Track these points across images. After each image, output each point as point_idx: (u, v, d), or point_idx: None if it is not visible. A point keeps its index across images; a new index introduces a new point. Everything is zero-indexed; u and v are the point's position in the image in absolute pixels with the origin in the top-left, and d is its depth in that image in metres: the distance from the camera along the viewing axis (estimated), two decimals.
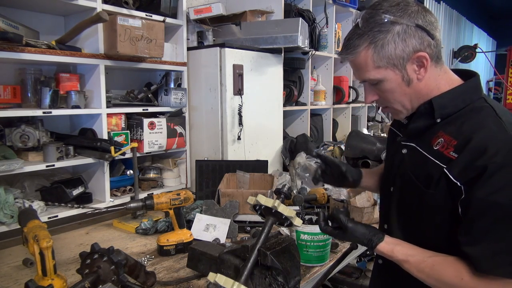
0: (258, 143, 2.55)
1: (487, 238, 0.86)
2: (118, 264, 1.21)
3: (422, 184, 0.96)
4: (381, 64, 0.95)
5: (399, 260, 0.98)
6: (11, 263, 1.59)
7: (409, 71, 0.96)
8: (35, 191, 1.91)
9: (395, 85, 0.97)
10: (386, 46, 0.93)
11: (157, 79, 2.48)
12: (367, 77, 0.98)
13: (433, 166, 0.94)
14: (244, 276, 1.06)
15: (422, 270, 0.94)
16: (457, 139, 0.91)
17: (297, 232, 1.54)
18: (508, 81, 5.72)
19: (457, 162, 0.89)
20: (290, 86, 2.95)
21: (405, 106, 1.01)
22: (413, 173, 1.00)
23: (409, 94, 0.99)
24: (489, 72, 10.53)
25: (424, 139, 1.00)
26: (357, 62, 0.98)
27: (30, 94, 1.90)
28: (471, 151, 0.87)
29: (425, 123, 1.00)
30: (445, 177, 0.90)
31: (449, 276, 0.90)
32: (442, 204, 0.93)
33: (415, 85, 0.97)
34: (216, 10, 2.36)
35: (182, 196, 1.65)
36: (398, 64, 0.95)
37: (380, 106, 1.07)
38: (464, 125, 0.93)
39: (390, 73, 0.96)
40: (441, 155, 0.93)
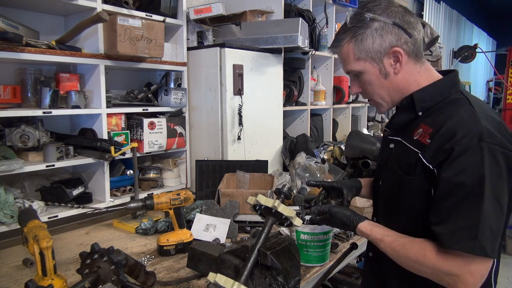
0: (258, 143, 2.55)
1: (451, 216, 0.91)
2: (118, 264, 1.21)
3: (403, 172, 1.04)
4: (360, 56, 1.06)
5: (376, 239, 1.05)
6: (11, 263, 1.59)
7: (386, 64, 1.05)
8: (35, 191, 1.91)
9: (373, 77, 1.07)
10: (365, 40, 1.04)
11: (157, 79, 2.48)
12: (349, 68, 1.09)
13: (412, 154, 1.02)
14: (244, 276, 1.06)
15: (394, 249, 1.00)
16: (432, 127, 0.99)
17: (297, 232, 1.54)
18: (508, 81, 5.72)
19: (429, 147, 0.97)
20: (290, 86, 2.95)
21: (384, 98, 1.10)
22: (397, 163, 1.08)
23: (387, 87, 1.08)
24: (489, 72, 10.53)
25: (407, 132, 1.08)
26: (341, 54, 1.10)
27: (30, 94, 1.90)
28: (442, 136, 0.95)
29: (408, 116, 1.09)
30: (420, 162, 0.98)
31: (414, 253, 0.96)
32: (419, 189, 0.99)
33: (392, 78, 1.07)
34: (216, 10, 2.36)
35: (182, 196, 1.65)
36: (376, 57, 1.05)
37: (364, 97, 1.17)
38: (440, 115, 1.01)
39: (369, 66, 1.06)
40: (418, 143, 1.01)
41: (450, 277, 0.90)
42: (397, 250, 1.00)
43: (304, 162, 2.59)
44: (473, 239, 0.87)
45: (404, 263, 0.99)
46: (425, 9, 6.23)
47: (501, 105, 6.04)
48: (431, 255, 0.93)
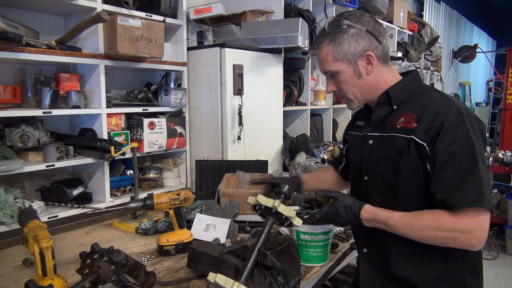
0: (258, 143, 2.55)
1: (454, 181, 1.03)
2: (118, 264, 1.21)
3: (395, 156, 1.13)
4: (338, 58, 1.18)
5: (383, 219, 1.12)
6: (11, 263, 1.59)
7: (360, 66, 1.18)
8: (35, 191, 1.91)
9: (348, 77, 1.19)
10: (343, 43, 1.16)
11: (157, 79, 2.48)
12: (328, 68, 1.20)
13: (401, 140, 1.13)
14: (244, 276, 1.06)
15: (405, 222, 1.08)
16: (415, 113, 1.12)
17: (297, 232, 1.54)
18: (508, 81, 5.72)
19: (419, 128, 1.09)
20: (290, 86, 2.95)
21: (356, 96, 1.23)
22: (385, 153, 1.17)
23: (360, 86, 1.21)
24: (489, 72, 10.54)
25: (385, 125, 1.20)
26: (320, 56, 1.21)
27: (30, 94, 1.90)
28: (428, 117, 1.09)
29: (385, 111, 1.21)
30: (413, 143, 1.09)
31: (428, 221, 1.06)
32: (414, 168, 1.10)
33: (365, 78, 1.20)
34: (216, 10, 2.36)
35: (182, 196, 1.65)
36: (351, 59, 1.17)
37: (338, 96, 1.27)
38: (416, 103, 1.15)
39: (345, 66, 1.18)
40: (405, 129, 1.13)
41: (465, 235, 1.02)
42: (409, 222, 1.07)
43: (304, 162, 2.59)
44: (480, 195, 1.01)
45: (418, 233, 1.07)
46: (425, 9, 6.23)
47: (501, 105, 6.03)
48: (445, 218, 1.03)
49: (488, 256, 3.97)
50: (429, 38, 5.00)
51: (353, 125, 1.40)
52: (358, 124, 1.36)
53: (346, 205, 1.17)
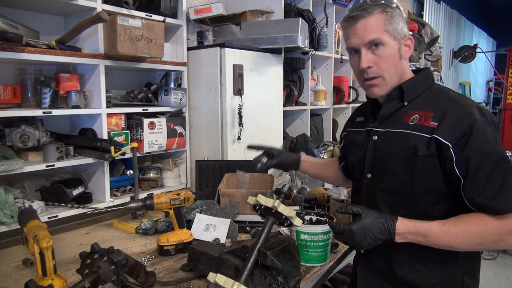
0: (258, 143, 2.54)
1: (493, 185, 1.00)
2: (118, 264, 1.21)
3: (409, 154, 1.09)
4: (389, 30, 1.12)
5: (423, 231, 1.04)
6: (11, 263, 1.59)
7: (402, 47, 1.15)
8: (35, 191, 1.91)
9: (393, 52, 1.13)
10: (394, 18, 1.12)
11: (157, 79, 2.48)
12: (375, 36, 1.11)
13: (416, 137, 1.09)
14: (244, 276, 1.06)
15: (447, 231, 1.02)
16: (431, 111, 1.09)
17: (297, 232, 1.54)
18: (508, 81, 5.72)
19: (442, 128, 1.05)
20: (290, 86, 2.95)
21: (391, 78, 1.16)
22: (396, 150, 1.13)
23: (397, 67, 1.15)
24: (489, 72, 10.53)
25: (393, 121, 1.17)
26: (369, 22, 1.11)
27: (30, 94, 1.90)
28: (453, 116, 1.05)
29: (395, 106, 1.17)
30: (435, 142, 1.05)
31: (473, 225, 1.01)
32: (432, 168, 1.06)
33: (402, 62, 1.16)
34: (216, 10, 2.36)
35: (182, 196, 1.65)
36: (398, 37, 1.13)
37: (369, 76, 1.16)
38: (432, 101, 1.12)
39: (392, 41, 1.13)
40: (421, 127, 1.09)
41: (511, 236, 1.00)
42: (453, 231, 1.02)
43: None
44: None
45: (464, 241, 1.02)
46: (425, 9, 6.23)
47: (501, 105, 6.04)
48: (491, 221, 1.00)
49: (488, 256, 3.97)
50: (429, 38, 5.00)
51: (352, 122, 1.36)
52: (359, 120, 1.33)
53: (377, 219, 1.06)
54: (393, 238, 1.06)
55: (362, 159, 1.23)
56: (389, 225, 1.05)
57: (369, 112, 1.28)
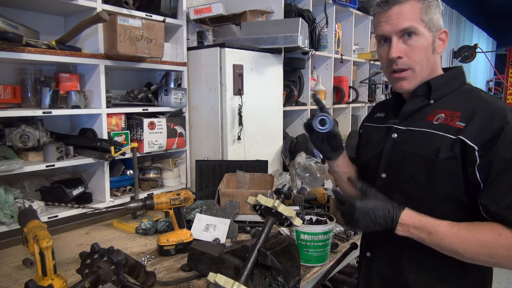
0: (258, 143, 2.55)
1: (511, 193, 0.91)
2: (118, 264, 1.21)
3: (430, 155, 1.01)
4: (424, 19, 1.04)
5: (428, 227, 0.96)
6: (11, 263, 1.59)
7: (437, 40, 1.07)
8: (35, 191, 1.91)
9: (426, 44, 1.05)
10: (431, 8, 1.05)
11: (157, 79, 2.48)
12: (409, 24, 1.03)
13: (439, 137, 1.00)
14: (244, 276, 1.06)
15: (457, 234, 0.94)
16: (459, 111, 1.01)
17: (297, 232, 1.54)
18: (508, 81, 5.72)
19: (469, 128, 0.96)
20: (290, 86, 2.95)
21: (422, 71, 1.07)
22: (414, 150, 1.05)
23: (429, 60, 1.07)
24: (489, 72, 10.54)
25: (416, 119, 1.09)
26: (404, 9, 1.04)
27: (30, 94, 1.90)
28: (483, 117, 0.96)
29: (420, 104, 1.10)
30: (460, 144, 0.96)
31: (486, 233, 0.92)
32: (454, 171, 0.98)
33: (434, 56, 1.08)
34: (216, 10, 2.36)
35: (182, 196, 1.65)
36: (433, 28, 1.06)
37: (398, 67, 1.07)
38: (461, 101, 1.04)
39: (426, 32, 1.05)
40: (446, 127, 1.01)
41: None
42: (462, 235, 0.93)
43: (304, 162, 2.59)
44: None
45: (471, 248, 0.93)
46: None
47: None
48: (507, 234, 0.90)
49: None
50: None
51: (371, 117, 1.28)
52: (378, 116, 1.25)
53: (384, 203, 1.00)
54: (394, 228, 0.98)
55: (378, 158, 1.14)
56: (394, 213, 0.98)
57: (391, 107, 1.20)
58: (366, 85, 3.95)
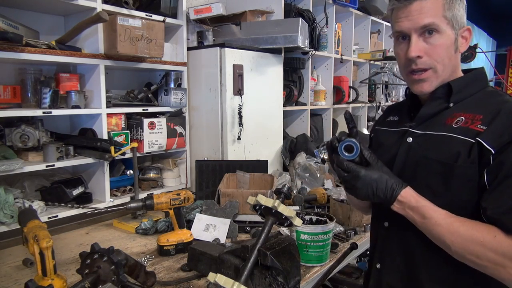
0: (258, 143, 2.55)
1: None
2: (118, 264, 1.21)
3: (448, 160, 0.95)
4: (447, 16, 0.97)
5: (424, 210, 0.93)
6: (11, 263, 1.59)
7: (459, 39, 1.00)
8: (35, 191, 1.91)
9: (448, 42, 0.99)
10: (455, 3, 0.98)
11: (157, 79, 2.48)
12: (431, 21, 0.96)
13: (459, 142, 0.94)
14: (244, 276, 1.06)
15: (452, 224, 0.90)
16: (482, 114, 0.94)
17: (297, 232, 1.54)
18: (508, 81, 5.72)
19: (489, 131, 0.91)
20: (290, 86, 2.95)
21: (444, 71, 1.00)
22: (432, 155, 0.98)
23: (451, 60, 1.00)
24: (489, 72, 10.53)
25: (434, 123, 1.02)
26: (426, 4, 0.97)
27: (30, 94, 1.90)
28: (503, 119, 0.91)
29: (439, 107, 1.03)
30: (478, 147, 0.91)
31: (481, 232, 0.88)
32: (471, 177, 0.92)
33: (457, 55, 1.01)
34: (216, 10, 2.36)
35: (182, 196, 1.65)
36: (456, 25, 0.99)
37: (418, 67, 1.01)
38: (484, 103, 0.98)
39: (449, 30, 0.98)
40: (466, 130, 0.94)
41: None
42: (457, 227, 0.89)
43: (304, 162, 2.59)
44: None
45: (461, 242, 0.89)
46: None
47: None
48: (502, 237, 0.86)
49: None
50: None
51: (384, 121, 1.21)
52: (391, 119, 1.18)
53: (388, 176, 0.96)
54: (392, 203, 0.96)
55: (391, 163, 1.06)
56: (396, 188, 0.94)
57: (406, 110, 1.13)
58: (366, 85, 3.95)
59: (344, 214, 1.97)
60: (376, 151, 1.14)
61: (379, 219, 1.15)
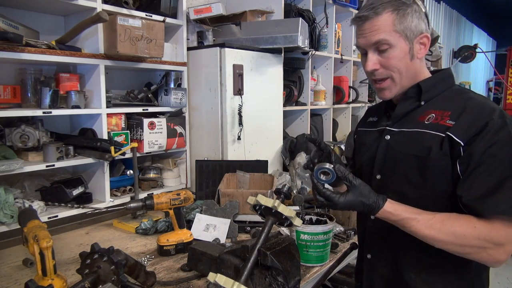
0: (258, 143, 2.55)
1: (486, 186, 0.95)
2: (118, 264, 1.21)
3: (422, 154, 1.04)
4: (398, 30, 1.05)
5: (406, 218, 0.99)
6: (11, 263, 1.59)
7: (415, 47, 1.08)
8: (35, 191, 1.91)
9: (402, 54, 1.07)
10: (407, 16, 1.05)
11: (157, 79, 2.48)
12: (383, 37, 1.05)
13: (431, 136, 1.03)
14: (244, 276, 1.06)
15: (432, 226, 0.97)
16: (449, 110, 1.04)
17: (297, 232, 1.54)
18: (508, 81, 5.72)
19: (457, 126, 1.00)
20: (290, 86, 2.95)
21: (401, 79, 1.10)
22: (407, 150, 1.08)
23: (408, 68, 1.09)
24: (489, 72, 10.54)
25: (408, 121, 1.12)
26: (377, 22, 1.06)
27: (30, 94, 1.90)
28: (470, 114, 1.00)
29: (411, 106, 1.12)
30: (448, 140, 1.00)
31: (461, 226, 0.96)
32: (445, 169, 1.01)
33: (414, 62, 1.09)
34: (216, 10, 2.36)
35: (182, 196, 1.65)
36: (410, 36, 1.06)
37: (376, 78, 1.11)
38: (451, 100, 1.07)
39: (402, 42, 1.06)
40: (437, 126, 1.04)
41: (495, 247, 0.94)
42: (437, 227, 0.97)
43: (304, 162, 2.58)
44: None
45: (445, 239, 0.96)
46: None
47: (501, 105, 6.04)
48: (481, 225, 0.94)
49: None
50: None
51: (364, 122, 1.31)
52: (371, 120, 1.28)
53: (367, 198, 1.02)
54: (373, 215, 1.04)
55: (372, 160, 1.17)
56: (374, 207, 1.01)
57: (383, 111, 1.23)
58: (366, 85, 3.95)
59: (344, 214, 1.97)
60: (359, 150, 1.28)
61: None
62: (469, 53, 6.98)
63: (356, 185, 1.03)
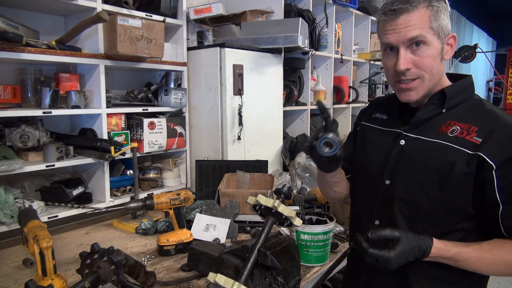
0: (258, 143, 2.55)
1: None
2: (118, 264, 1.21)
3: (444, 168, 0.99)
4: (434, 27, 0.99)
5: (456, 257, 0.98)
6: (11, 263, 1.59)
7: (445, 47, 1.03)
8: (35, 191, 1.91)
9: (436, 53, 1.01)
10: (440, 13, 1.00)
11: (157, 79, 2.48)
12: (419, 33, 0.98)
13: (455, 151, 0.99)
14: (244, 276, 1.06)
15: (482, 257, 0.97)
16: (475, 125, 0.99)
17: (297, 232, 1.54)
18: (508, 81, 5.73)
19: (488, 145, 0.95)
20: (290, 86, 2.95)
21: (430, 81, 1.03)
22: (427, 161, 1.02)
23: (438, 69, 1.03)
24: (489, 72, 10.54)
25: (427, 128, 1.06)
26: (414, 17, 0.98)
27: (30, 94, 1.90)
28: (501, 136, 0.96)
29: (432, 112, 1.06)
30: (478, 160, 0.96)
31: (510, 254, 0.97)
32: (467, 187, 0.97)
33: (441, 64, 1.04)
34: (216, 10, 2.36)
35: (182, 196, 1.65)
36: (442, 35, 1.01)
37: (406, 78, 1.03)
38: (474, 113, 1.02)
39: (436, 40, 1.00)
40: (462, 141, 0.99)
41: None
42: (488, 258, 0.98)
43: (304, 162, 2.59)
44: None
45: (496, 269, 0.99)
46: None
47: (501, 105, 6.04)
48: None
49: None
50: None
51: (370, 117, 1.22)
52: (379, 116, 1.20)
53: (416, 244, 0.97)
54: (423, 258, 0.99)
55: (383, 163, 1.10)
56: (425, 250, 0.97)
57: (396, 112, 1.16)
58: (366, 85, 3.95)
59: (344, 214, 1.97)
60: (362, 146, 1.20)
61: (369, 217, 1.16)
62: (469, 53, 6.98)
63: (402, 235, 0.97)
